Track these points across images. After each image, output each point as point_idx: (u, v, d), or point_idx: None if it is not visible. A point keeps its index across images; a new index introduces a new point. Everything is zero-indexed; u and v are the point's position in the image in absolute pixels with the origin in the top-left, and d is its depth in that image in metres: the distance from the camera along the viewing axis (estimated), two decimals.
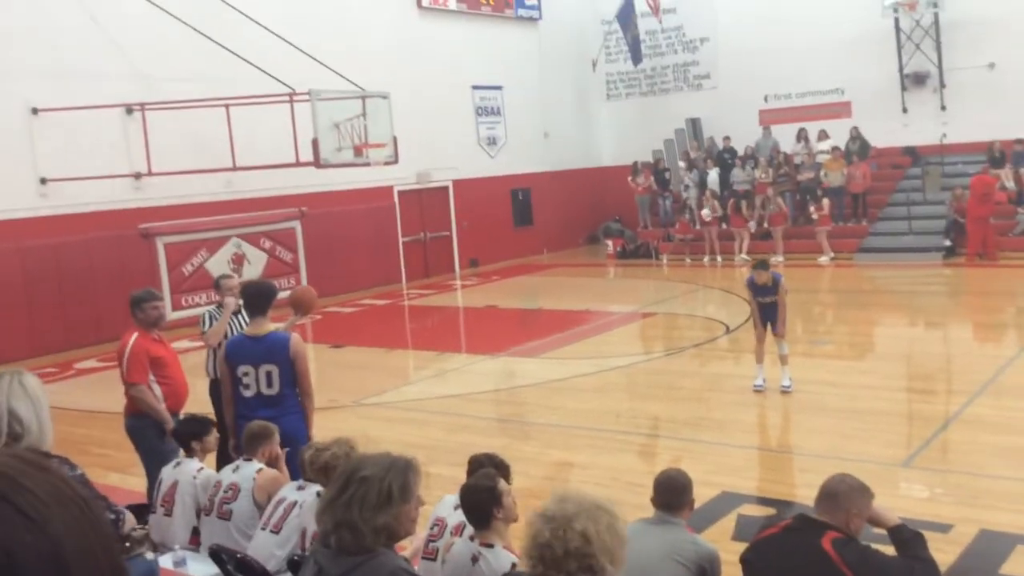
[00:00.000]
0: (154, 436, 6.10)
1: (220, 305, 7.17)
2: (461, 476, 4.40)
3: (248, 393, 5.69)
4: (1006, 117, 18.66)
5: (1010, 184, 18.38)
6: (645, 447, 8.26)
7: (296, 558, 4.26)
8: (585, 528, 2.61)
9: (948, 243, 17.95)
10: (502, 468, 4.35)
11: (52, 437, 3.26)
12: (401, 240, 19.74)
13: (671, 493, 3.99)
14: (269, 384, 5.67)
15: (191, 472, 5.20)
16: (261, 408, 5.60)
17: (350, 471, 2.89)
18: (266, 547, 4.41)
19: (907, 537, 3.63)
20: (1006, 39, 18.98)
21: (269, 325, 5.84)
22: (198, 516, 5.08)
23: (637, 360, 11.58)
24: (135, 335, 6.21)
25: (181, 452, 5.47)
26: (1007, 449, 7.16)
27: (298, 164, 13.96)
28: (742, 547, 4.08)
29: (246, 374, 5.69)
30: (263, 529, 4.51)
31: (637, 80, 24.12)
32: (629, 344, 12.97)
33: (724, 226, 20.19)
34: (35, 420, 3.16)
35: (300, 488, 4.55)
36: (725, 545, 5.06)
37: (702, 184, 20.85)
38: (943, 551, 5.16)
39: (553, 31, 23.27)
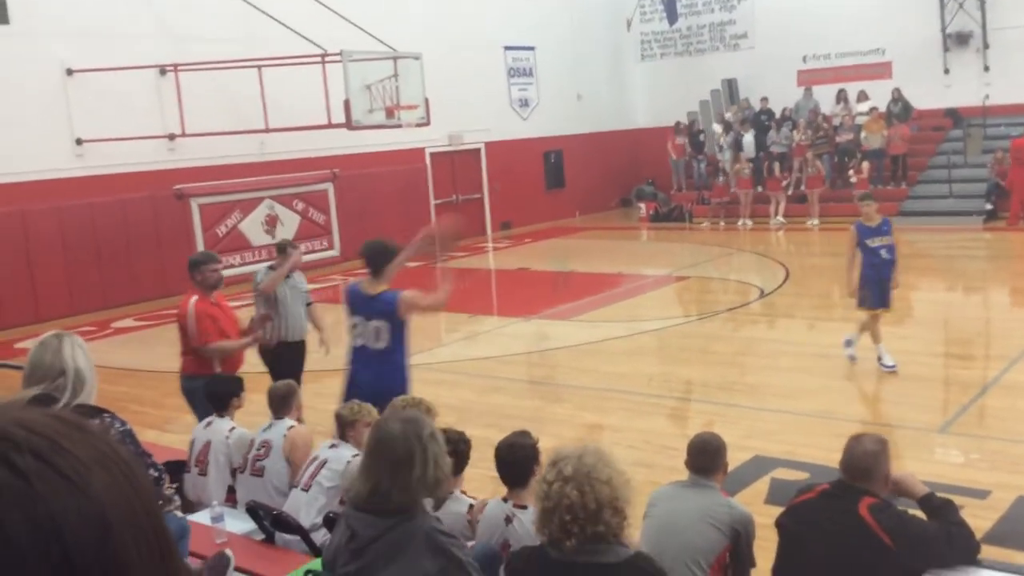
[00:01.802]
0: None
1: (273, 267, 7.40)
2: (494, 437, 4.40)
3: (357, 343, 5.77)
4: None
5: None
6: (677, 411, 8.23)
7: (332, 515, 4.30)
8: (609, 476, 2.67)
9: (989, 207, 17.60)
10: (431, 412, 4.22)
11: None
12: (433, 202, 19.72)
13: (705, 456, 3.97)
14: (377, 339, 5.69)
15: (223, 432, 5.26)
16: (366, 360, 5.68)
17: (377, 434, 2.89)
18: (298, 504, 4.47)
19: (938, 504, 3.60)
20: None
21: (383, 284, 5.83)
22: (233, 475, 5.15)
23: (670, 324, 11.51)
24: (194, 298, 6.19)
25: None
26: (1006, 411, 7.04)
27: (330, 126, 13.95)
28: (775, 511, 4.06)
29: (355, 325, 5.78)
30: (295, 487, 4.56)
31: (672, 40, 23.74)
32: (662, 308, 12.90)
33: (759, 189, 19.94)
34: (91, 375, 3.35)
35: (332, 447, 4.59)
36: (758, 508, 5.04)
37: (737, 146, 20.57)
38: (980, 517, 5.10)
39: None
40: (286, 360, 7.04)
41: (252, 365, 7.00)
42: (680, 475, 4.09)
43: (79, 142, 14.13)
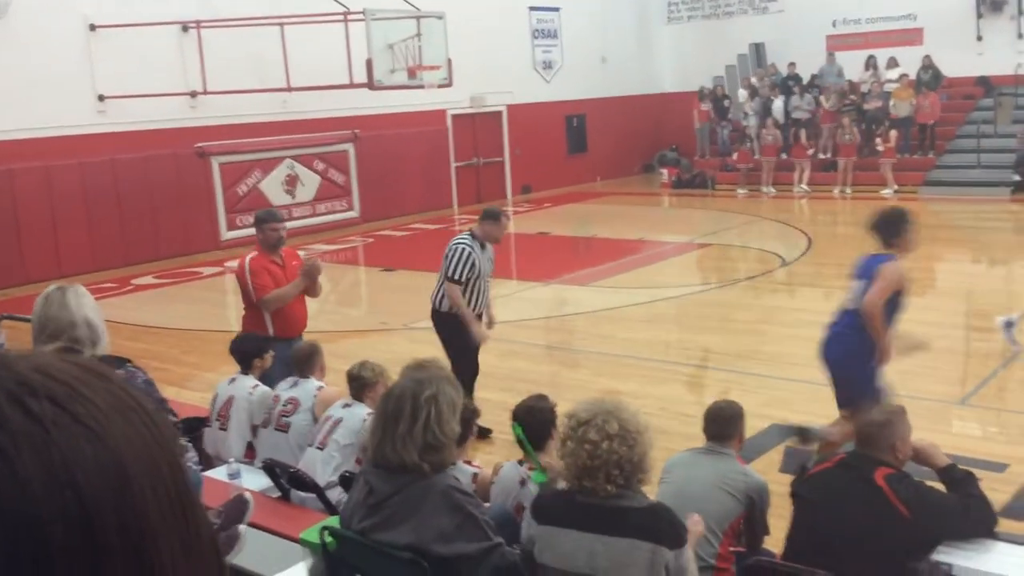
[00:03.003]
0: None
1: (474, 236, 6.61)
2: (511, 400, 4.40)
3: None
4: None
5: None
6: (695, 378, 8.21)
7: (348, 474, 4.33)
8: (642, 427, 2.83)
9: (1017, 178, 17.32)
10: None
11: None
12: (454, 165, 19.64)
13: (721, 423, 3.97)
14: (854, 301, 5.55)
15: (247, 388, 5.30)
16: (839, 318, 5.61)
17: (391, 394, 2.91)
18: (313, 463, 4.50)
19: (958, 476, 3.59)
20: None
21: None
22: (254, 432, 5.19)
23: (690, 291, 11.46)
24: (252, 254, 6.18)
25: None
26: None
27: (352, 85, 13.88)
28: (789, 478, 4.05)
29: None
30: (311, 445, 4.59)
31: (700, 3, 23.39)
32: (682, 275, 12.84)
33: (784, 156, 19.72)
34: (101, 326, 3.33)
35: (346, 406, 4.61)
36: (773, 477, 5.03)
37: (765, 112, 20.31)
38: (997, 490, 5.07)
39: None
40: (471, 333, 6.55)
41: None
42: (697, 442, 4.09)
43: (101, 98, 14.14)
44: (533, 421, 3.89)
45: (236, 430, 5.18)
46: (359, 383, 4.65)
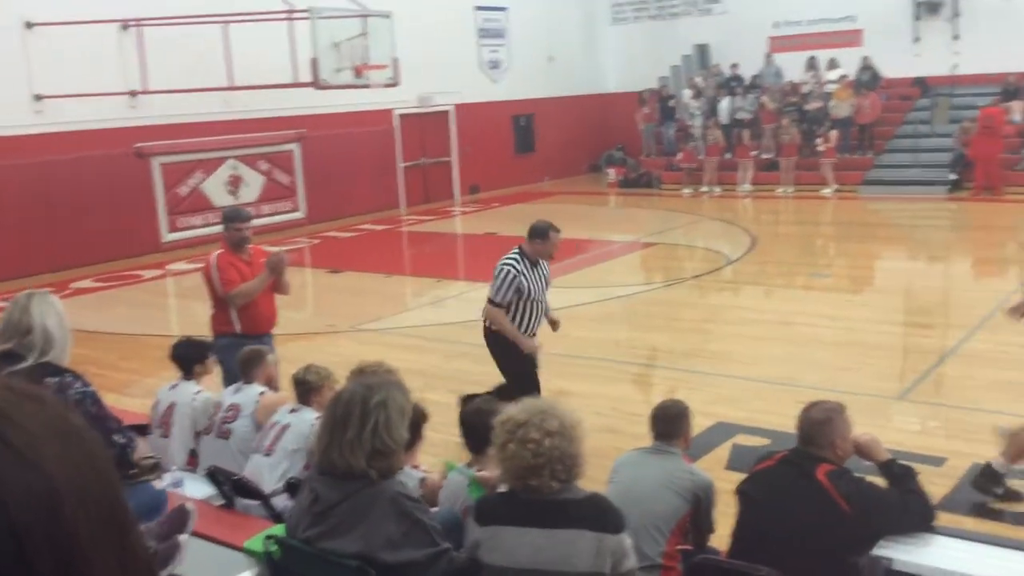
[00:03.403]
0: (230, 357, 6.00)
1: (524, 255, 6.00)
2: (460, 402, 4.39)
3: None
4: (1021, 48, 18.28)
5: (1018, 118, 18.11)
6: (644, 377, 8.28)
7: (293, 481, 4.28)
8: (576, 421, 2.88)
9: (953, 177, 17.77)
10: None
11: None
12: (401, 165, 19.55)
13: (665, 423, 4.00)
14: None
15: (189, 394, 5.21)
16: None
17: (338, 399, 2.89)
18: (259, 469, 4.44)
19: (898, 472, 3.66)
20: None
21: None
22: (196, 439, 5.10)
23: (637, 290, 11.55)
24: (218, 251, 6.19)
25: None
26: (1003, 383, 7.17)
27: (297, 85, 13.74)
28: (737, 476, 4.10)
29: None
30: (256, 452, 4.52)
31: (646, 3, 23.59)
32: (630, 274, 12.94)
33: (728, 156, 19.98)
34: (60, 335, 3.40)
35: (293, 411, 4.56)
36: (719, 474, 5.09)
37: (710, 112, 20.55)
38: (936, 484, 5.19)
39: None
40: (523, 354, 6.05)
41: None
42: (645, 441, 4.11)
43: (38, 98, 13.79)
44: (478, 424, 3.87)
45: (178, 437, 5.09)
46: (305, 387, 4.60)
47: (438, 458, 4.50)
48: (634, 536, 3.37)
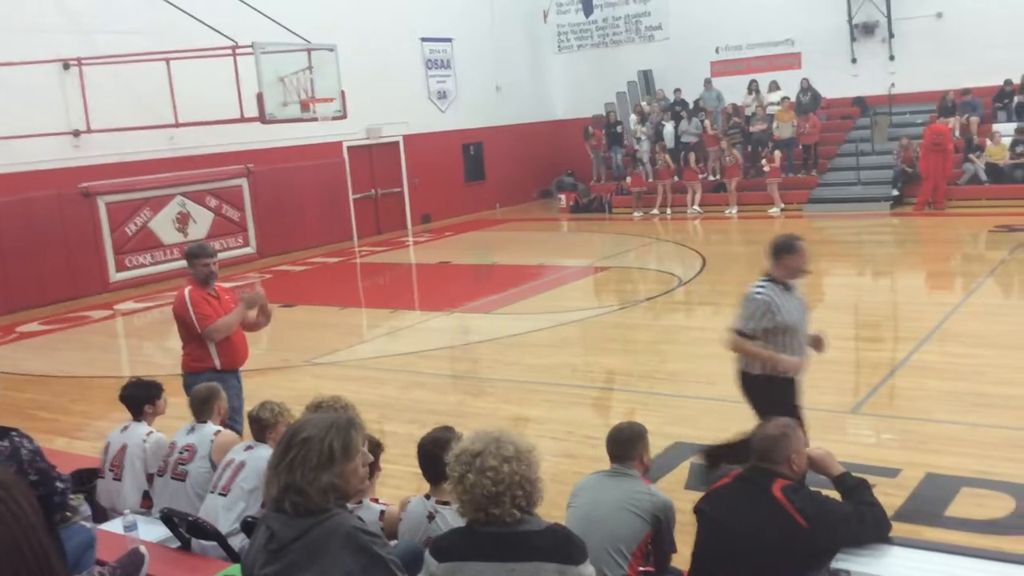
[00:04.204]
0: None
1: (772, 280, 5.24)
2: (416, 433, 4.36)
3: None
4: (953, 67, 18.84)
5: (956, 134, 18.61)
6: (600, 400, 8.29)
7: (250, 519, 4.21)
8: (532, 446, 2.82)
9: (895, 193, 18.19)
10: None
11: None
12: (352, 197, 19.49)
13: (621, 445, 4.02)
14: None
15: (140, 436, 5.11)
16: None
17: (291, 433, 2.85)
18: (215, 509, 4.36)
19: (852, 484, 3.70)
20: None
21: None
22: (149, 481, 5.00)
23: (592, 314, 11.60)
24: (188, 288, 6.14)
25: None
26: (952, 394, 7.31)
27: (243, 120, 13.67)
28: (695, 495, 4.12)
29: None
30: (212, 491, 4.44)
31: (589, 31, 23.92)
32: (584, 298, 13.00)
33: (676, 179, 20.25)
34: None
35: (248, 448, 4.49)
36: (679, 494, 5.11)
37: (656, 136, 20.83)
38: (891, 495, 5.28)
39: None
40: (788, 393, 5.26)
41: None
42: (604, 465, 4.12)
43: None
44: (436, 455, 3.85)
45: (131, 480, 4.98)
46: (260, 424, 4.54)
47: (400, 491, 4.46)
48: (596, 560, 3.37)
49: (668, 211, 19.91)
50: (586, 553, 2.86)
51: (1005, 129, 18.13)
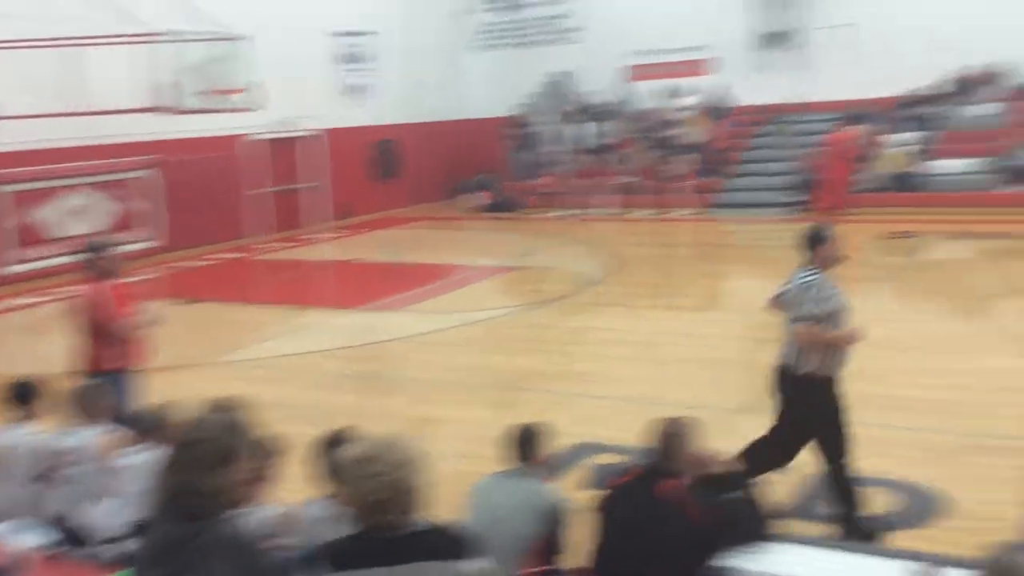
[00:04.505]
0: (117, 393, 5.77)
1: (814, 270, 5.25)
2: (317, 435, 4.31)
3: None
4: (862, 76, 19.43)
5: (861, 142, 19.23)
6: (508, 400, 8.31)
7: (140, 523, 4.10)
8: (404, 449, 2.81)
9: (801, 198, 18.72)
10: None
11: None
12: (262, 191, 19.13)
13: (519, 445, 4.06)
14: None
15: (23, 437, 4.91)
16: None
17: (183, 435, 2.80)
18: (107, 512, 4.24)
19: (741, 482, 3.81)
20: None
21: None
22: (34, 484, 4.82)
23: (502, 313, 11.64)
24: (98, 283, 6.04)
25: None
26: (849, 395, 7.53)
27: (151, 109, 13.30)
28: (597, 495, 4.18)
29: None
30: (100, 495, 4.32)
31: (507, 31, 24.00)
32: (494, 297, 13.03)
33: (590, 180, 20.46)
34: None
35: (136, 450, 4.38)
36: (580, 494, 5.17)
37: (571, 138, 21.02)
38: (782, 492, 5.43)
39: None
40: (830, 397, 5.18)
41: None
42: (508, 465, 4.14)
43: None
44: (336, 455, 3.81)
45: (14, 483, 4.79)
46: (147, 426, 4.43)
47: (299, 493, 4.39)
48: (494, 559, 3.39)
49: (581, 212, 20.10)
50: (471, 550, 2.88)
51: (912, 138, 18.80)
